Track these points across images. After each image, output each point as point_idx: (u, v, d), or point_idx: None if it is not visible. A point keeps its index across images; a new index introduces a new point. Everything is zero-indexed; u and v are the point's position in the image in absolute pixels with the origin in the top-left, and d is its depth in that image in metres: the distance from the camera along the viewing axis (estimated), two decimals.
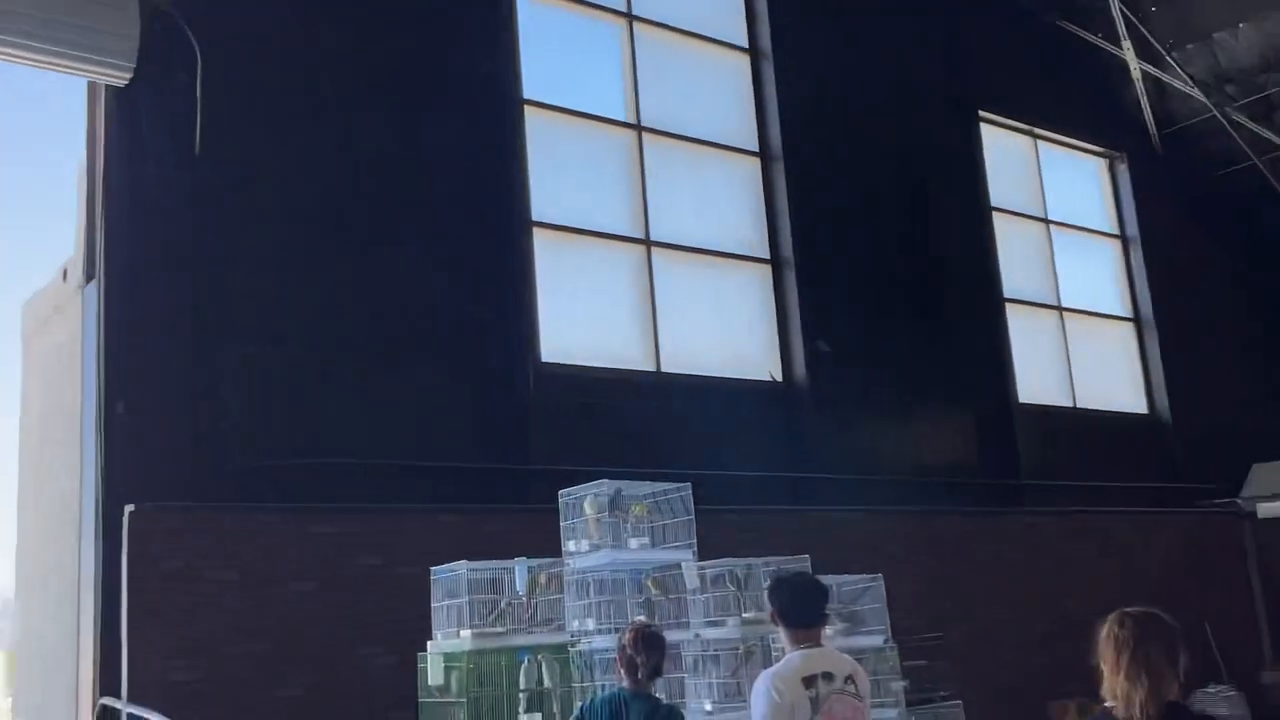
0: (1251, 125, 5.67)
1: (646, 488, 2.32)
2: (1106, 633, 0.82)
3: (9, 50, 2.80)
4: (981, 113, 5.47)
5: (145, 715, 2.39)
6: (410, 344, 3.39)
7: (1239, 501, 5.60)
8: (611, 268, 4.18)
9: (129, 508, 2.66)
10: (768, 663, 1.75)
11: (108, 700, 2.68)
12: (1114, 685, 0.78)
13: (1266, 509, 5.43)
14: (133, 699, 2.49)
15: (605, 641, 2.00)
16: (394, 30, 3.64)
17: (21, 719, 3.95)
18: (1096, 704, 2.18)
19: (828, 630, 2.21)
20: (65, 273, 3.46)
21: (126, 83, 2.97)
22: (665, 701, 1.50)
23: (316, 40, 3.41)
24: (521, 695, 2.16)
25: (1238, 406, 6.13)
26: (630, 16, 4.41)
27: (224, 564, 2.75)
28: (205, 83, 3.02)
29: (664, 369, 4.06)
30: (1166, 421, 5.86)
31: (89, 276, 3.10)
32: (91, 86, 3.18)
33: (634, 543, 2.24)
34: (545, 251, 3.98)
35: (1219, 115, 5.69)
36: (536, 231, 3.94)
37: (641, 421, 3.80)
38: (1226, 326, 6.46)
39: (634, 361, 4.05)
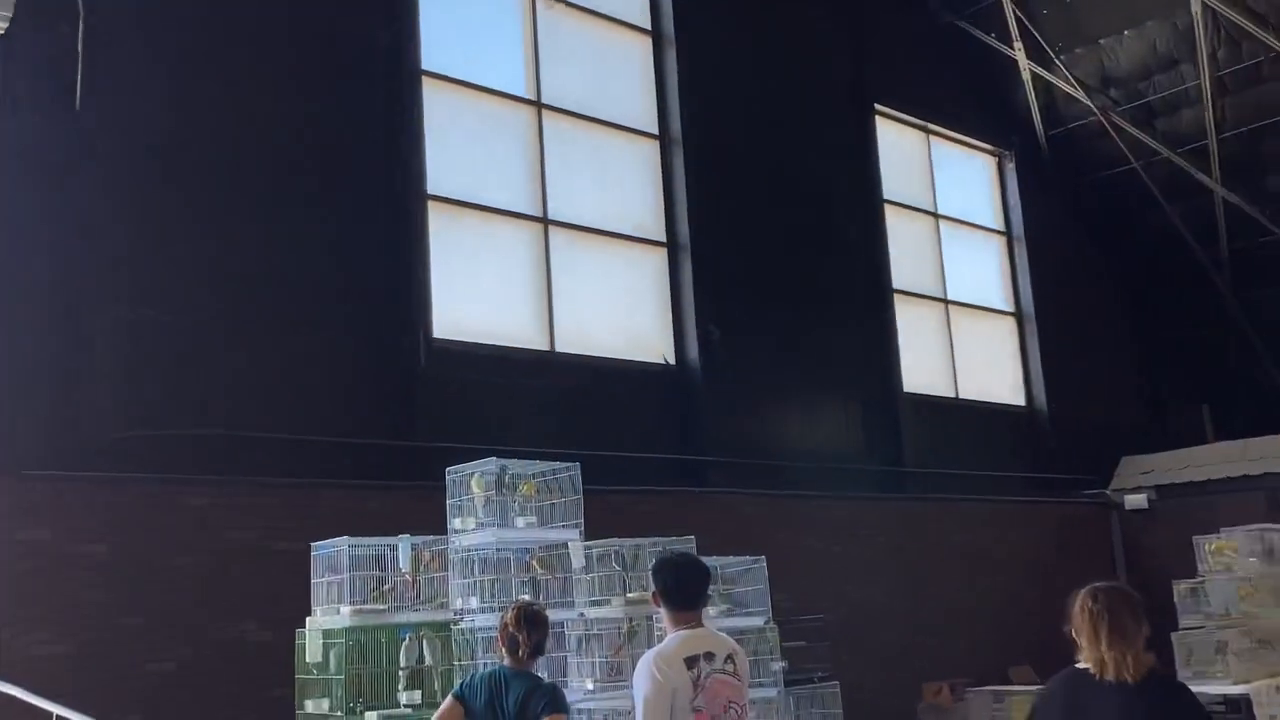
0: (1132, 130, 6.54)
1: (535, 467, 2.45)
2: (1080, 606, 0.94)
3: None
4: (878, 106, 6.00)
5: (7, 689, 2.37)
6: (297, 314, 3.46)
7: (1108, 493, 6.50)
8: (508, 245, 4.36)
9: None
10: (650, 643, 1.89)
11: None
12: (1094, 653, 0.91)
13: (1132, 500, 6.33)
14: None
15: (488, 620, 2.08)
16: None
17: None
18: (962, 684, 2.64)
19: (710, 611, 2.37)
20: None
21: (3, 31, 2.75)
22: (546, 680, 1.59)
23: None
24: (401, 673, 2.27)
25: (1110, 402, 7.16)
26: None
27: (93, 536, 2.79)
28: (88, 36, 2.98)
29: (558, 348, 4.30)
30: (1043, 414, 6.68)
31: None
32: None
33: (520, 521, 2.37)
34: (441, 225, 4.09)
35: (1102, 119, 6.52)
36: (432, 205, 4.04)
37: (533, 400, 4.04)
38: (1102, 324, 7.42)
39: (528, 340, 4.26)
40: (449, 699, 1.48)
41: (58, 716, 2.31)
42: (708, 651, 1.25)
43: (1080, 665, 0.98)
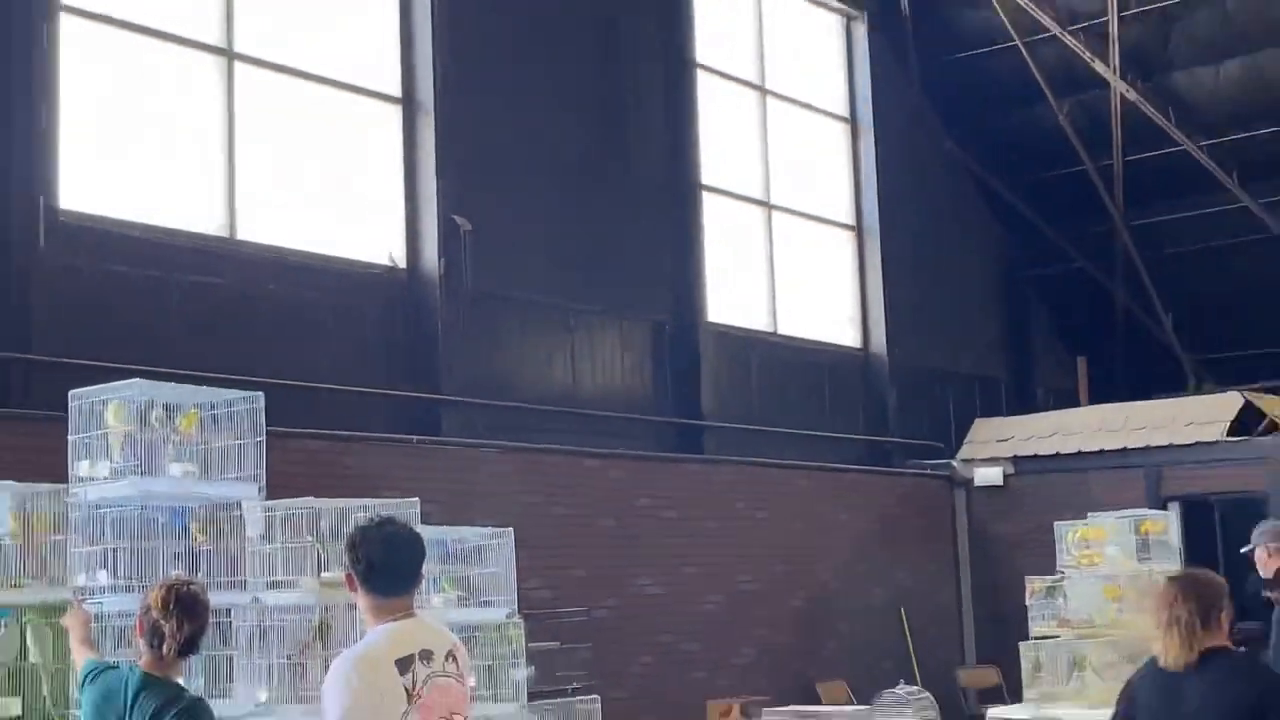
0: None
1: (199, 395, 2.38)
2: (1157, 595, 1.26)
3: None
4: None
5: None
6: None
7: (954, 464, 6.74)
8: (180, 87, 4.10)
9: None
10: (350, 640, 1.84)
11: None
12: (1157, 641, 1.26)
13: (984, 474, 6.47)
14: None
15: (124, 603, 1.96)
16: None
17: None
18: (758, 703, 2.77)
19: (435, 600, 2.35)
20: None
21: None
22: (189, 693, 1.46)
23: None
24: None
25: (964, 347, 7.40)
26: None
27: None
28: None
29: (240, 236, 4.10)
30: (881, 359, 6.97)
31: None
32: None
33: (176, 469, 2.30)
34: (78, 52, 3.79)
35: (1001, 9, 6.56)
36: (64, 16, 3.75)
37: (201, 305, 3.90)
38: (961, 249, 7.51)
39: (198, 222, 4.04)
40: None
41: None
42: (424, 650, 1.19)
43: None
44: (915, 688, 5.51)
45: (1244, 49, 6.53)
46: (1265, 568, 3.22)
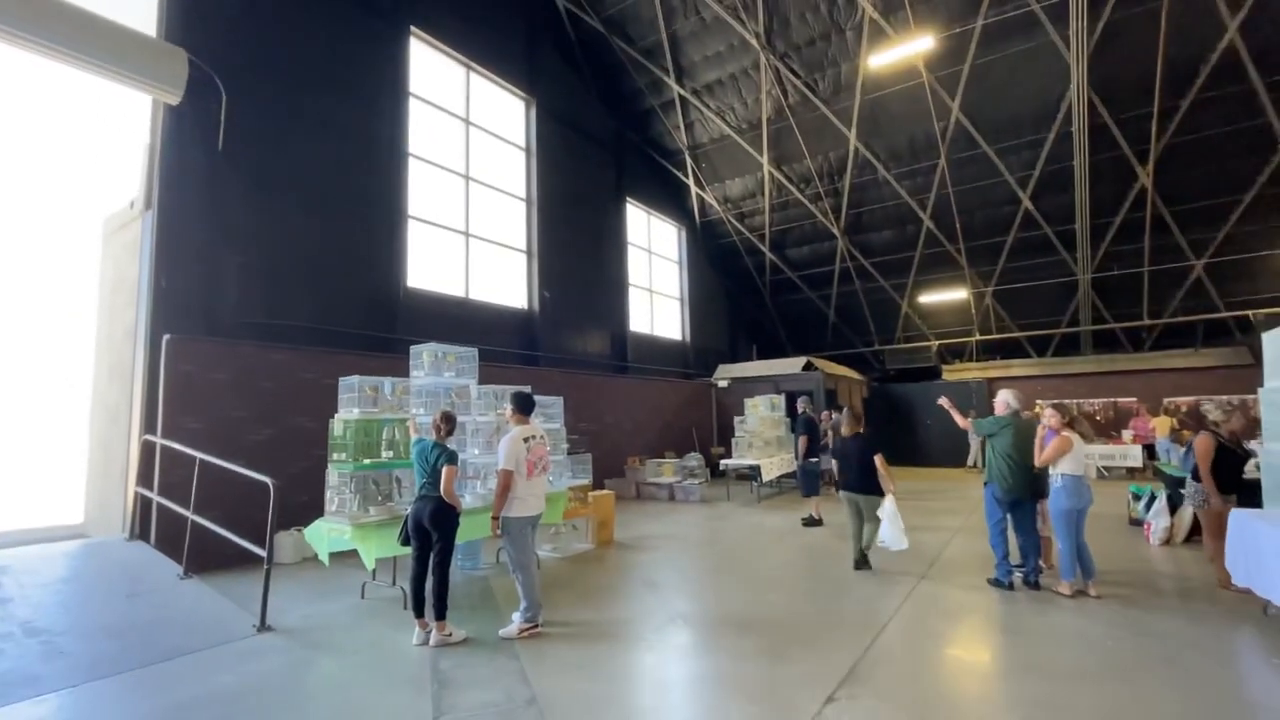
0: (736, 223, 18.93)
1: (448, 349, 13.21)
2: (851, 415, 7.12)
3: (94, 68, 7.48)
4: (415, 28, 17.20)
5: (169, 444, 6.39)
6: None
7: (712, 380, 19.32)
8: None
9: (166, 336, 7.02)
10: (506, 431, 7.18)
11: (148, 437, 6.70)
12: (847, 426, 7.08)
13: (721, 381, 19.25)
14: (164, 436, 6.74)
15: (425, 418, 6.47)
16: None
17: (92, 451, 8.28)
18: (643, 456, 14.30)
19: (536, 420, 12.97)
20: (132, 203, 7.80)
21: (176, 103, 7.48)
22: (450, 447, 4.72)
23: None
24: (383, 442, 6.27)
25: (717, 340, 20.29)
26: None
27: (217, 369, 7.57)
28: (228, 106, 8.31)
29: None
30: (689, 344, 19.07)
31: (146, 207, 7.48)
32: (155, 102, 7.54)
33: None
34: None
35: (725, 217, 18.77)
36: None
37: None
38: (724, 290, 20.49)
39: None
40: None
41: (200, 459, 6.11)
42: (533, 434, 5.02)
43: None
44: (695, 454, 14.47)
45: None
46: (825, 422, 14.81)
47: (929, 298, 18.36)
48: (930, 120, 14.47)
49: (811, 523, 9.56)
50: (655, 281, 18.29)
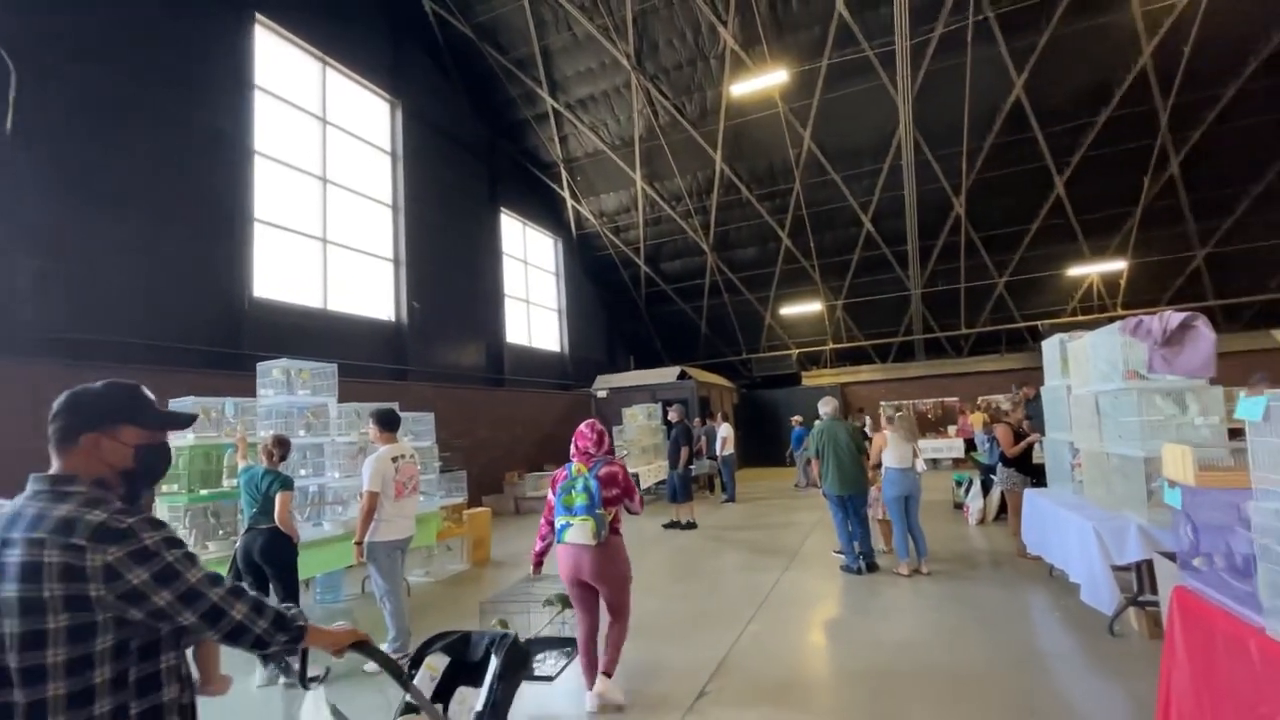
0: (611, 236, 19.28)
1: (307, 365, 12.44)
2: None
3: None
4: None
5: None
6: None
7: (591, 390, 19.43)
8: None
9: None
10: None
11: None
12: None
13: (599, 391, 19.39)
14: None
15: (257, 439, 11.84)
16: None
17: None
18: (523, 470, 13.96)
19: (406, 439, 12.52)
20: None
21: None
22: (284, 473, 4.57)
23: None
24: (225, 469, 11.66)
25: (596, 352, 20.50)
26: None
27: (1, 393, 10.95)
28: (18, 88, 10.12)
29: None
30: (569, 355, 19.03)
31: None
32: None
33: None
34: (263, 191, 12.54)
35: (600, 230, 19.03)
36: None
37: None
38: (591, 317, 20.68)
39: None
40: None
41: None
42: (403, 453, 4.75)
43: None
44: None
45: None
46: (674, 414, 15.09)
47: (789, 310, 19.80)
48: (786, 147, 15.70)
49: (677, 526, 9.91)
50: (532, 293, 18.11)
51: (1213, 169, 13.96)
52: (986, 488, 9.21)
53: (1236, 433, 3.43)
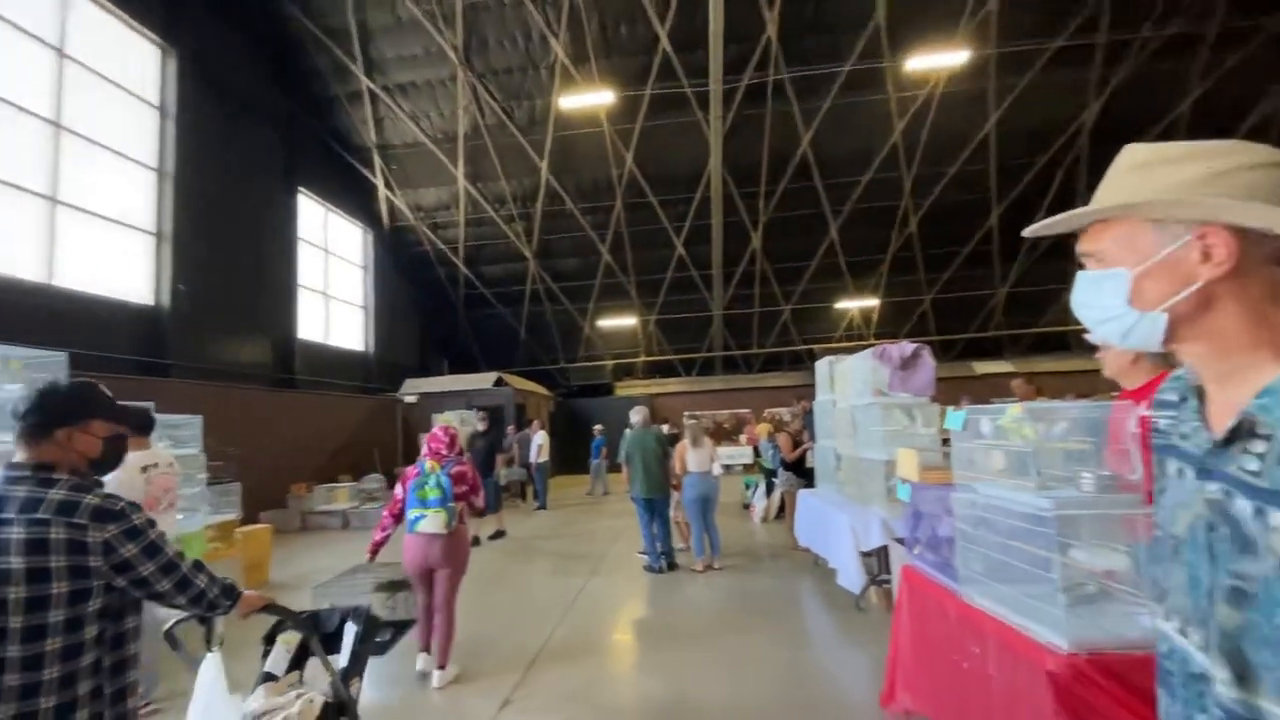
0: (430, 233, 18.20)
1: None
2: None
3: None
4: None
5: None
6: None
7: (398, 394, 18.00)
8: None
9: None
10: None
11: None
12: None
13: (408, 396, 18.00)
14: None
15: None
16: None
17: None
18: (313, 483, 12.33)
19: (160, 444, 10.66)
20: None
21: None
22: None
23: None
24: None
25: (407, 355, 19.04)
26: None
27: None
28: None
29: None
30: (374, 356, 17.44)
31: None
32: None
33: None
34: None
35: (422, 229, 17.83)
36: None
37: None
38: (405, 317, 19.30)
39: None
40: None
41: None
42: (155, 462, 9.68)
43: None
44: (378, 474, 15.01)
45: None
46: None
47: (607, 322, 20.45)
48: (610, 166, 16.28)
49: (498, 535, 9.70)
50: (334, 286, 16.39)
51: (938, 231, 17.42)
52: (770, 489, 10.39)
53: (948, 441, 4.38)
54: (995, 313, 19.33)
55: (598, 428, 15.51)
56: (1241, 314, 0.88)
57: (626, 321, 20.37)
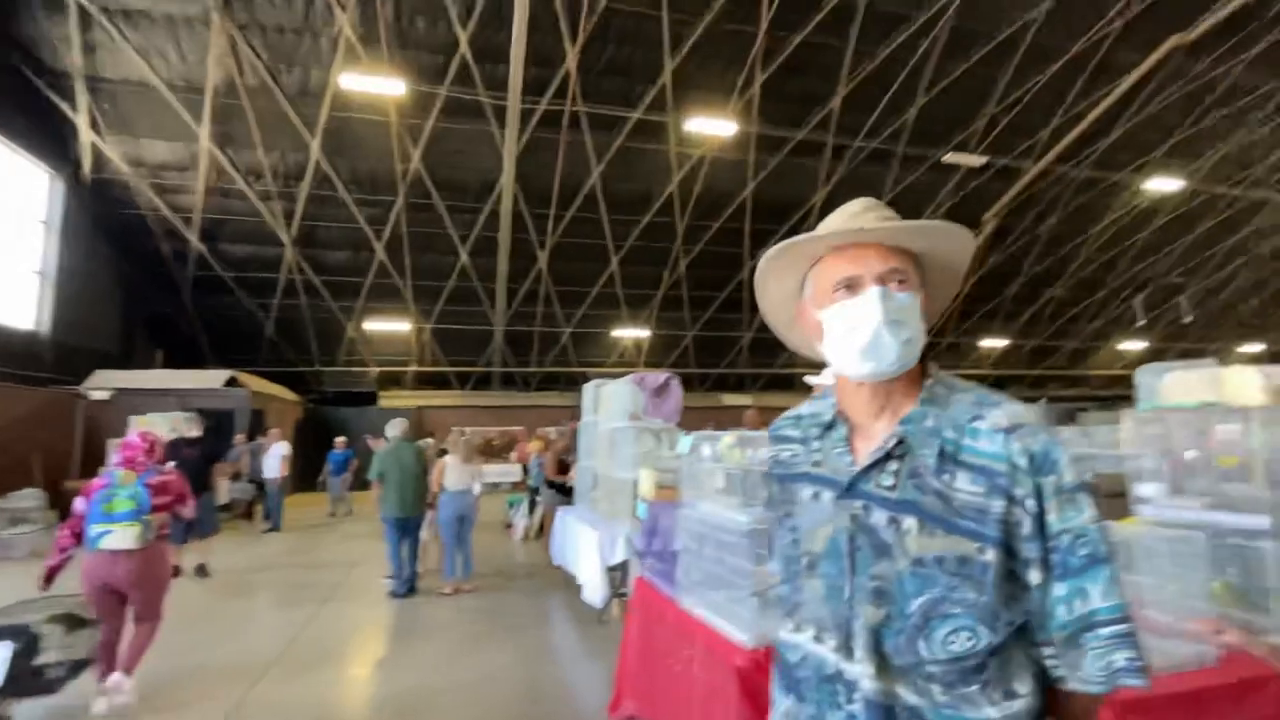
0: (158, 199, 14.73)
1: None
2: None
3: None
4: None
5: None
6: None
7: (80, 389, 13.97)
8: None
9: None
10: None
11: None
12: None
13: (98, 392, 14.08)
14: None
15: None
16: None
17: None
18: None
19: None
20: None
21: None
22: None
23: None
24: None
25: (104, 340, 15.01)
26: None
27: None
28: None
29: None
30: (50, 335, 13.50)
31: None
32: None
33: None
34: None
35: (142, 187, 14.38)
36: None
37: None
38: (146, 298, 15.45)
39: None
40: None
41: None
42: None
43: None
44: (36, 490, 11.08)
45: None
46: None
47: (375, 325, 18.76)
48: (395, 161, 15.14)
49: (202, 572, 7.99)
50: None
51: (702, 276, 19.51)
52: (534, 507, 10.40)
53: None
54: (743, 352, 22.18)
55: (340, 440, 13.97)
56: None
57: (399, 326, 18.93)
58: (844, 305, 1.02)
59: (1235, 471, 2.91)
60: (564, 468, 8.36)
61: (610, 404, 6.38)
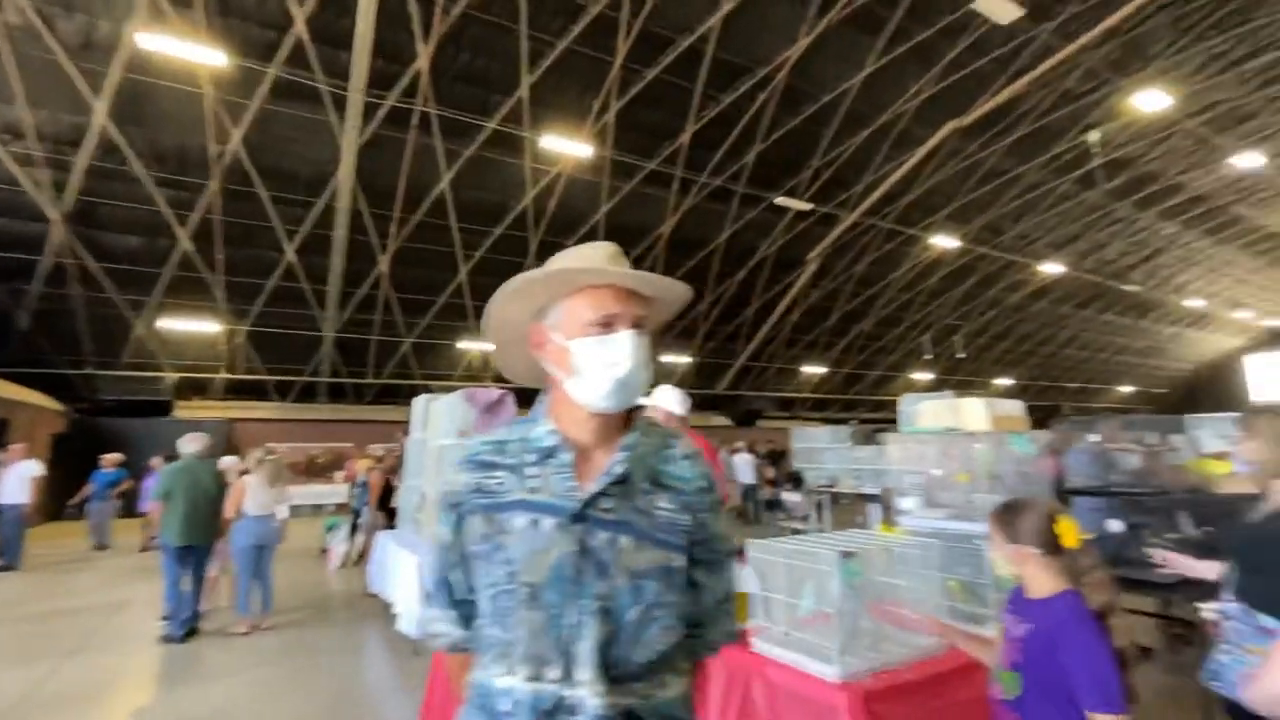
0: None
1: None
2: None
3: None
4: None
5: None
6: None
7: None
8: None
9: None
10: None
11: None
12: None
13: None
14: None
15: None
16: None
17: None
18: None
19: None
20: None
21: None
22: None
23: None
24: None
25: None
26: None
27: None
28: None
29: None
30: None
31: None
32: None
33: None
34: None
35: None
36: None
37: None
38: None
39: None
40: None
41: None
42: None
43: None
44: None
45: None
46: None
47: (174, 324, 16.18)
48: (208, 139, 13.30)
49: None
50: None
51: None
52: (355, 530, 9.49)
53: None
54: None
55: (109, 458, 11.77)
56: None
57: (205, 327, 16.51)
58: (602, 341, 1.09)
59: (972, 485, 3.46)
60: (389, 490, 7.73)
61: (439, 420, 6.03)
